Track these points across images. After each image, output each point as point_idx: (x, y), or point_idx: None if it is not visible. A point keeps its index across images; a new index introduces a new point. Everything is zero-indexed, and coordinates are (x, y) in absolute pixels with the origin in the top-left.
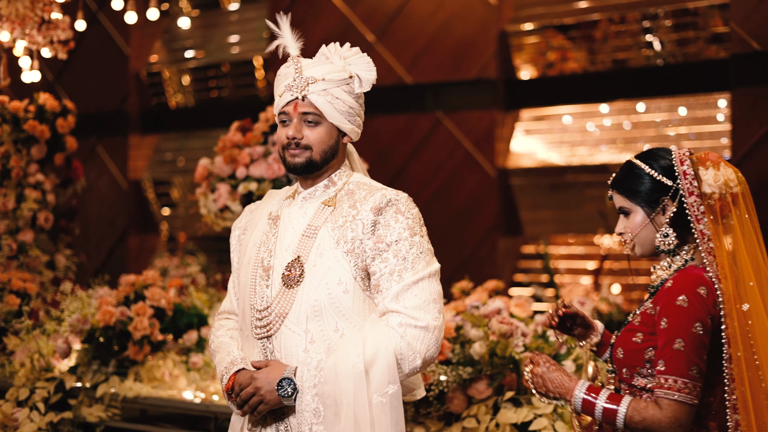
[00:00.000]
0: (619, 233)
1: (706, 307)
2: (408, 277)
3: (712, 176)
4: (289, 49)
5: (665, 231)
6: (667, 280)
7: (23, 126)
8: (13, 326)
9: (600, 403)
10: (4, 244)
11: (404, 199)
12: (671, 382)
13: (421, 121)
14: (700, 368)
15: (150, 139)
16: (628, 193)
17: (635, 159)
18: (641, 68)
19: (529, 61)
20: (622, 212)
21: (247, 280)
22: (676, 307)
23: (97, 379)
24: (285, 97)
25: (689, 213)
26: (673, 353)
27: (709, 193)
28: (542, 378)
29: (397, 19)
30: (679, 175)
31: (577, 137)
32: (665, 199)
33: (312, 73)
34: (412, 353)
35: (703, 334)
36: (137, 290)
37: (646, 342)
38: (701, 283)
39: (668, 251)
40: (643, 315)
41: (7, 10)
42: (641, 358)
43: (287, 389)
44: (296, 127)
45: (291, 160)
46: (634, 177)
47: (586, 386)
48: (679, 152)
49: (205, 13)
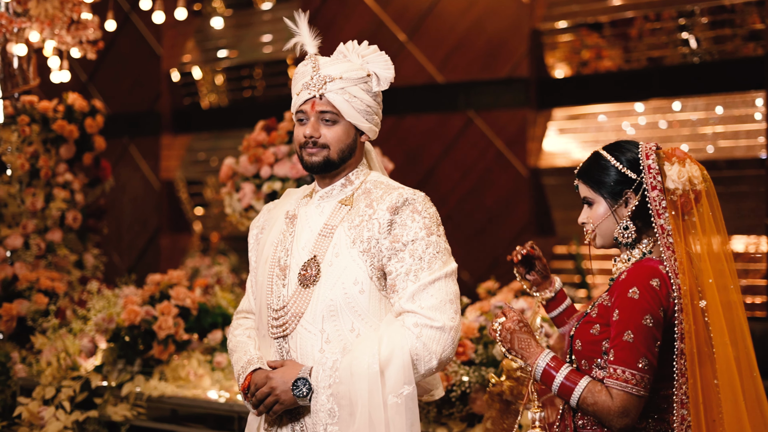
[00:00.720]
0: (582, 223)
1: (658, 299)
2: (424, 277)
3: (676, 172)
4: (306, 47)
5: (625, 223)
6: (623, 272)
7: (52, 126)
8: (41, 325)
9: (559, 378)
10: (32, 244)
11: (421, 198)
12: (620, 373)
13: (452, 120)
14: (649, 360)
15: (182, 139)
16: (593, 184)
17: (602, 150)
18: (677, 66)
19: (563, 60)
20: (586, 202)
21: (264, 279)
22: (627, 299)
23: (122, 378)
24: (302, 96)
25: (651, 207)
26: (623, 345)
27: (672, 189)
28: (511, 334)
29: (429, 18)
30: (643, 168)
31: (612, 136)
32: (628, 192)
33: (329, 71)
34: (428, 354)
35: (654, 327)
36: (162, 290)
37: (602, 334)
38: (655, 275)
39: (627, 244)
40: (600, 307)
41: (36, 11)
42: (598, 350)
43: (302, 389)
44: (313, 126)
45: (308, 159)
46: (599, 168)
47: (549, 357)
48: (645, 146)
49: (238, 12)
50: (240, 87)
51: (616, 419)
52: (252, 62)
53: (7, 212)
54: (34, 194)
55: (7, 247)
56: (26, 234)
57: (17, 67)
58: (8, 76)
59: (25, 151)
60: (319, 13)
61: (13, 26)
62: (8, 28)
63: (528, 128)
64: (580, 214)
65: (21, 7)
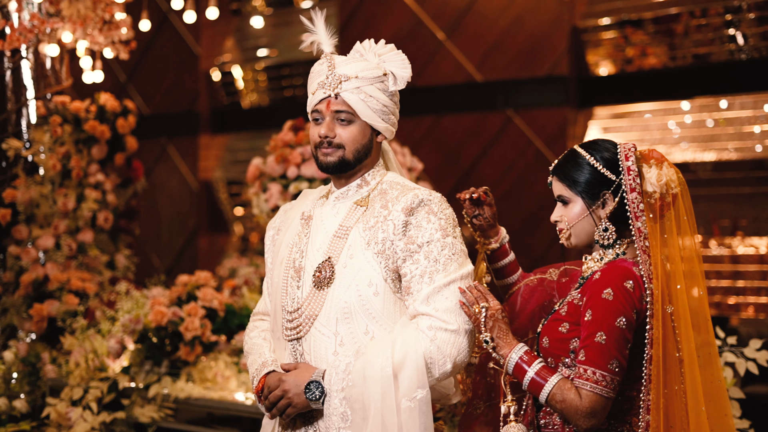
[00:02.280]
0: (554, 221)
1: (631, 301)
2: (439, 279)
3: (656, 175)
4: (322, 46)
5: (605, 225)
6: (596, 272)
7: (84, 126)
8: (71, 326)
9: (530, 373)
10: (63, 244)
11: (437, 199)
12: (590, 374)
13: (491, 119)
14: (620, 362)
15: (220, 139)
16: (569, 182)
17: (580, 148)
18: (724, 63)
19: (606, 57)
20: (561, 200)
21: (279, 281)
22: (601, 300)
23: (149, 380)
24: (317, 95)
25: (629, 209)
26: (594, 345)
27: (650, 192)
28: (494, 322)
29: (468, 16)
30: (623, 170)
31: (657, 135)
32: (606, 193)
33: (345, 70)
34: (443, 357)
35: (626, 329)
36: (190, 291)
37: (571, 332)
38: (629, 276)
39: (605, 246)
40: (570, 305)
41: (68, 11)
42: (566, 348)
43: (315, 392)
44: (329, 126)
45: (323, 159)
46: (577, 166)
47: (523, 350)
48: (624, 147)
49: (278, 11)
50: (280, 86)
51: (583, 419)
52: (292, 61)
53: (38, 213)
54: (66, 195)
55: (38, 248)
56: (57, 234)
57: (50, 68)
58: (41, 76)
59: (57, 152)
60: (357, 12)
61: (46, 27)
62: (41, 28)
63: (568, 127)
64: (554, 212)
65: (53, 8)
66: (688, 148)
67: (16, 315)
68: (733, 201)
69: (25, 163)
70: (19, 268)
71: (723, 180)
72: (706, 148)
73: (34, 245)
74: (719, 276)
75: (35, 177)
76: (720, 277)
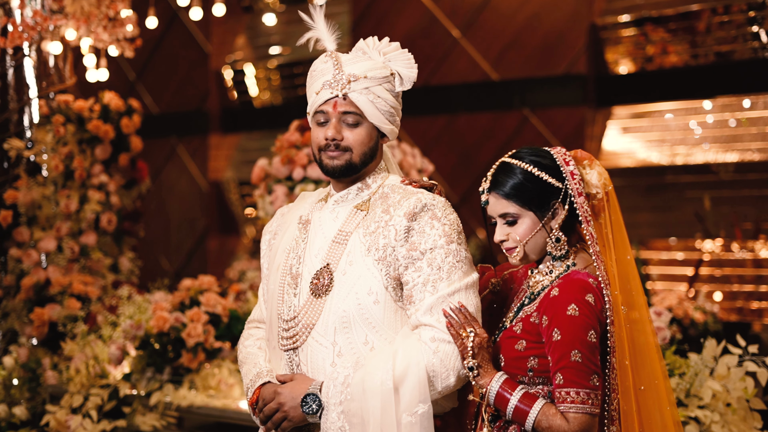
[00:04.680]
0: (501, 241)
1: (595, 314)
2: (443, 288)
3: (596, 176)
4: (325, 43)
5: (557, 236)
6: (549, 288)
7: (87, 126)
8: (72, 331)
9: (513, 401)
10: (66, 247)
11: (441, 203)
12: (573, 395)
13: (507, 119)
14: (598, 375)
15: (231, 139)
16: (516, 198)
17: (515, 160)
18: (747, 61)
19: (626, 55)
20: (506, 219)
21: (275, 287)
22: (567, 317)
23: (151, 387)
24: (323, 95)
25: (579, 214)
26: (571, 365)
27: (594, 193)
28: (479, 350)
29: (483, 13)
30: (566, 176)
31: (678, 135)
32: (556, 202)
33: (353, 69)
34: (446, 370)
35: (596, 341)
36: (192, 296)
37: (529, 350)
38: (588, 289)
39: (558, 257)
40: (525, 322)
41: (72, 8)
42: (523, 366)
43: (312, 406)
44: (336, 128)
45: (329, 163)
46: (519, 180)
47: (503, 379)
48: (559, 152)
49: (291, 8)
50: (293, 85)
51: None
52: (306, 59)
53: (40, 214)
54: (69, 196)
55: (40, 251)
56: (60, 237)
57: (53, 66)
58: (43, 74)
59: (60, 152)
60: (370, 9)
61: (49, 24)
62: (43, 26)
63: (586, 127)
64: (496, 232)
65: (57, 4)
66: (710, 149)
67: (16, 319)
68: (756, 203)
69: (27, 163)
70: (21, 271)
71: (746, 181)
72: (728, 149)
73: (35, 248)
74: (741, 280)
75: (37, 178)
76: (742, 281)
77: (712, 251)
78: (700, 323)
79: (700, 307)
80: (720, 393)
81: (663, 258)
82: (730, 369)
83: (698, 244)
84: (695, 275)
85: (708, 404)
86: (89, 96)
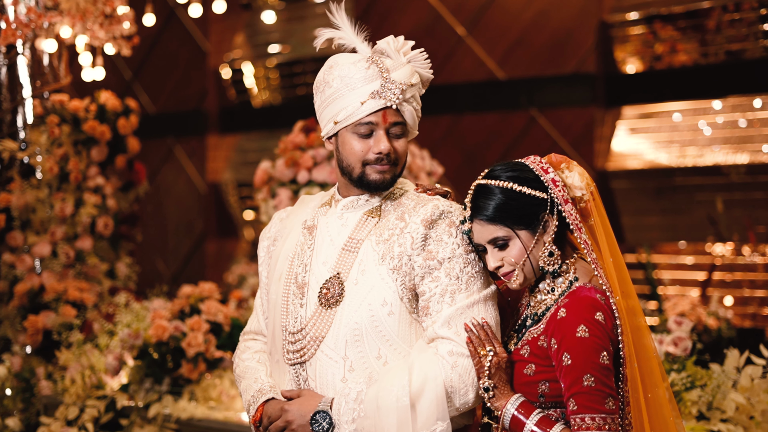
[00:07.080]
0: (496, 267)
1: (606, 333)
2: (461, 299)
3: (577, 177)
4: (356, 46)
5: (549, 249)
6: (555, 308)
7: (83, 126)
8: (67, 339)
9: (529, 425)
10: (61, 252)
11: (459, 210)
12: (589, 421)
13: (514, 119)
14: (613, 396)
15: (229, 140)
16: (503, 220)
17: (494, 180)
18: (758, 60)
19: (635, 54)
20: (496, 243)
21: (278, 297)
22: (577, 339)
23: (149, 398)
24: (370, 105)
25: (570, 222)
26: (585, 391)
27: (579, 196)
28: (497, 370)
29: (489, 10)
30: (548, 184)
31: (687, 136)
32: (544, 214)
33: (400, 77)
34: (464, 386)
35: (609, 362)
36: (193, 303)
37: (539, 374)
38: (597, 307)
39: (554, 272)
40: (533, 345)
41: (67, 5)
42: (534, 392)
43: (322, 424)
44: (388, 140)
45: (377, 178)
46: (503, 200)
47: (519, 402)
48: (534, 161)
49: (291, 5)
50: (293, 84)
51: None
52: (306, 58)
53: (35, 218)
54: (64, 199)
55: (34, 256)
56: (54, 241)
57: (47, 65)
58: (38, 73)
59: (55, 154)
60: (372, 6)
61: (43, 21)
62: (37, 23)
63: (595, 127)
64: (489, 259)
65: (51, 1)
66: (720, 150)
67: (9, 327)
68: None
69: (20, 165)
70: (14, 277)
71: (757, 184)
72: (739, 150)
73: (29, 253)
74: (753, 285)
75: (31, 180)
76: (754, 286)
77: (723, 255)
78: (713, 330)
79: (713, 313)
80: (743, 406)
81: (672, 262)
82: (753, 380)
83: (708, 248)
84: (708, 280)
85: (731, 417)
86: (85, 95)
